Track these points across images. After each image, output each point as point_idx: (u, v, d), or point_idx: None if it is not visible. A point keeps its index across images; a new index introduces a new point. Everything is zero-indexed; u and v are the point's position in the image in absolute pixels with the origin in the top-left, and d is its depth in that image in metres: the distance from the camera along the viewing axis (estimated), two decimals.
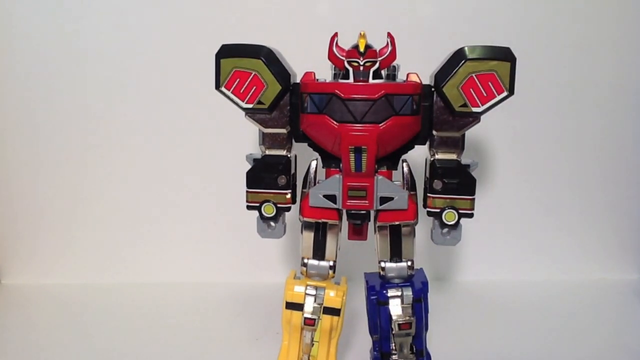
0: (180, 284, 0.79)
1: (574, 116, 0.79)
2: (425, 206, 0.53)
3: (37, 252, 0.81)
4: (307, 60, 0.52)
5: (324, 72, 0.51)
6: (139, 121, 0.77)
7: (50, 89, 0.76)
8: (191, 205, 0.80)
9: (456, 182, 0.51)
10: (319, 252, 0.53)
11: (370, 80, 0.48)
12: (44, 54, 0.75)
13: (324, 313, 0.53)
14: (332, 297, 0.53)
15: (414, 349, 0.53)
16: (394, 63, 0.49)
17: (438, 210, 0.52)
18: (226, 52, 0.50)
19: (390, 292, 0.52)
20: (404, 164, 0.53)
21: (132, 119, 0.77)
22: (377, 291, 0.52)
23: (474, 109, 0.50)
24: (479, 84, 0.49)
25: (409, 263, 0.53)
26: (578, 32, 0.76)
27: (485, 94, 0.49)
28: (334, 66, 0.50)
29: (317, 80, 0.51)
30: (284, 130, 0.52)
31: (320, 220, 0.52)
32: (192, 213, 0.80)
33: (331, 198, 0.51)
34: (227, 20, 0.74)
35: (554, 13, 0.75)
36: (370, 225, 0.54)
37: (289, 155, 0.53)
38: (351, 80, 0.48)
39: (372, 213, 0.52)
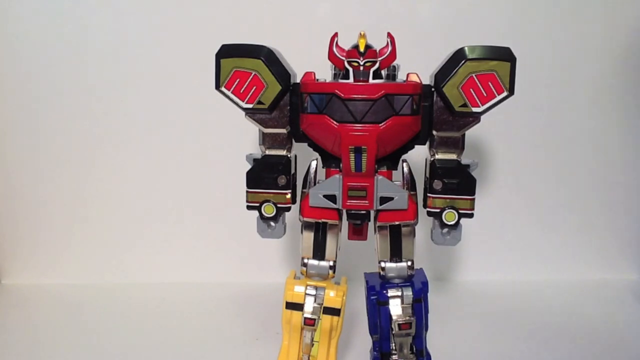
0: (180, 284, 0.79)
1: (574, 116, 0.79)
2: (425, 206, 0.53)
3: (37, 252, 0.81)
4: (307, 60, 0.52)
5: (324, 72, 0.51)
6: (139, 121, 0.77)
7: (51, 89, 0.76)
8: (191, 205, 0.80)
9: (456, 182, 0.51)
10: (319, 252, 0.53)
11: (370, 80, 0.48)
12: (44, 53, 0.75)
13: (324, 313, 0.53)
14: (332, 297, 0.53)
15: (414, 349, 0.53)
16: (394, 63, 0.49)
17: (438, 210, 0.52)
18: (226, 52, 0.50)
19: (390, 292, 0.52)
20: (404, 164, 0.53)
21: (131, 119, 0.77)
22: (377, 291, 0.52)
23: (474, 109, 0.50)
24: (479, 84, 0.49)
25: (409, 263, 0.53)
26: (579, 32, 0.76)
27: (485, 94, 0.49)
28: (334, 66, 0.50)
29: (317, 80, 0.51)
30: (284, 130, 0.52)
31: (320, 220, 0.52)
32: (192, 213, 0.80)
33: (331, 198, 0.51)
34: (227, 20, 0.74)
35: (554, 13, 0.75)
36: (370, 225, 0.54)
37: (289, 155, 0.53)
38: (351, 80, 0.48)
39: (372, 213, 0.52)
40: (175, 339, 0.65)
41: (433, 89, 0.50)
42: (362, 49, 0.47)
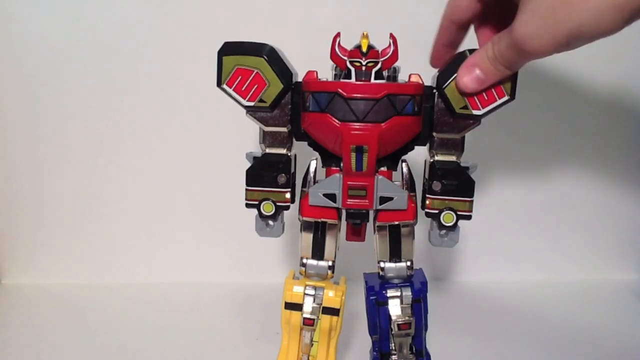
0: (180, 284, 0.79)
1: (574, 117, 0.79)
2: (423, 207, 0.53)
3: (37, 252, 0.81)
4: (309, 60, 0.52)
5: (325, 73, 0.51)
6: (139, 121, 0.77)
7: (51, 89, 0.76)
8: (191, 205, 0.80)
9: (455, 184, 0.51)
10: (318, 252, 0.53)
11: (372, 81, 0.48)
12: (46, 53, 0.75)
13: (323, 313, 0.53)
14: (331, 297, 0.53)
15: (414, 349, 0.53)
16: (395, 65, 0.49)
17: (436, 212, 0.52)
18: (228, 49, 0.50)
19: (390, 293, 0.52)
20: (404, 165, 0.53)
21: (131, 118, 0.77)
22: (376, 291, 0.52)
23: (475, 112, 0.49)
24: None
25: (408, 263, 0.53)
26: None
27: (486, 97, 0.49)
28: (335, 66, 0.50)
29: (319, 79, 0.51)
30: (284, 129, 0.52)
31: (319, 220, 0.52)
32: (191, 213, 0.80)
33: (331, 197, 0.51)
34: (230, 18, 0.74)
35: None
36: (370, 225, 0.54)
37: (289, 154, 0.53)
38: (353, 80, 0.48)
39: (372, 213, 0.52)
40: (176, 339, 0.65)
41: (435, 91, 0.50)
42: (364, 49, 0.47)
